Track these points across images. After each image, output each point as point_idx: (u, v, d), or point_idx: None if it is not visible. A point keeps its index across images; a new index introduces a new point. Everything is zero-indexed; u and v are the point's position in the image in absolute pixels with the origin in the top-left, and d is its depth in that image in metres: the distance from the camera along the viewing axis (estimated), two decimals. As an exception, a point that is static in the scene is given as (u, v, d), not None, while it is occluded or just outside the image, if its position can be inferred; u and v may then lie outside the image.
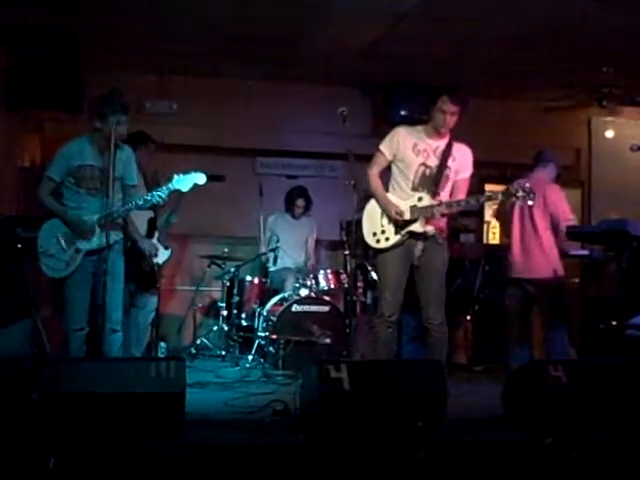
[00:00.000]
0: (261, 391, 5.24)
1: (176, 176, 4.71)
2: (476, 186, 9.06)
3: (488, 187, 9.35)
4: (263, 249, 7.39)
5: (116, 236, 4.90)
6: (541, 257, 5.72)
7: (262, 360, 6.55)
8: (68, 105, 7.01)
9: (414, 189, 4.91)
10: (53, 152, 4.96)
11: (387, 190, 5.04)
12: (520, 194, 4.67)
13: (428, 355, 5.06)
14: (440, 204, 4.81)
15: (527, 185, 4.72)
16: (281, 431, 3.93)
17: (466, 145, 5.09)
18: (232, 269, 7.17)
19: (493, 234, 9.92)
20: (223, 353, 7.00)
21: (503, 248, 6.36)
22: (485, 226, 9.55)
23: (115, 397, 3.63)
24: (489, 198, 4.92)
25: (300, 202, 7.46)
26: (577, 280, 7.00)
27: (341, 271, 6.84)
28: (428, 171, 4.92)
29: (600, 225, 5.93)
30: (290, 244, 7.37)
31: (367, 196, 5.12)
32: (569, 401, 4.05)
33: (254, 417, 4.24)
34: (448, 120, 4.90)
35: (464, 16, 6.10)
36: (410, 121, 7.96)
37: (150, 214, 5.83)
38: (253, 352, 6.62)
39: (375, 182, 5.04)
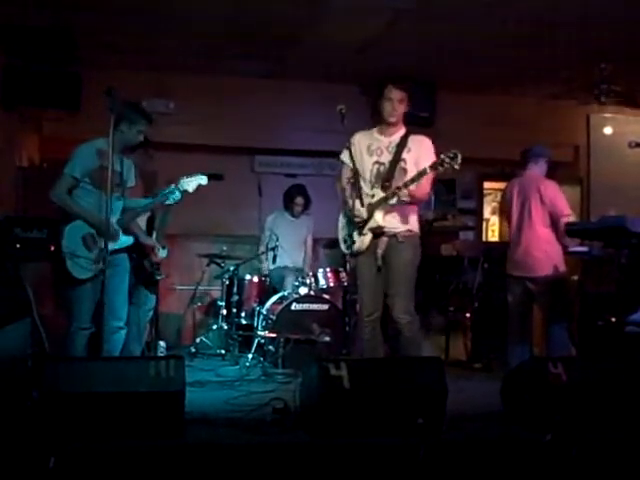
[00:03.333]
0: (261, 390, 5.24)
1: (183, 178, 5.07)
2: (475, 183, 9.18)
3: (487, 184, 9.41)
4: (262, 248, 7.39)
5: (128, 238, 4.98)
6: (541, 254, 5.71)
7: (262, 359, 6.55)
8: (66, 103, 7.01)
9: (371, 188, 4.96)
10: (51, 151, 4.96)
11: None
12: (445, 162, 4.65)
13: (401, 354, 5.02)
14: (387, 194, 4.84)
15: (451, 151, 4.65)
16: (281, 429, 3.95)
17: (425, 136, 5.12)
18: (231, 268, 7.17)
19: (492, 232, 9.95)
20: (223, 352, 7.00)
21: (502, 246, 6.36)
22: (484, 224, 9.57)
23: (115, 396, 3.64)
24: (420, 174, 4.76)
25: (299, 200, 7.45)
26: (576, 277, 7.00)
27: (340, 269, 6.84)
28: (382, 168, 4.98)
29: (599, 222, 5.92)
30: (289, 243, 7.36)
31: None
32: (568, 398, 4.06)
33: (254, 415, 4.25)
34: (396, 107, 5.00)
35: (463, 12, 6.10)
36: (409, 118, 8.09)
37: (148, 214, 5.84)
38: (253, 351, 6.61)
39: (341, 191, 5.15)
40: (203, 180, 5.09)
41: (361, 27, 6.54)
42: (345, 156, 5.07)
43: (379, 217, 4.88)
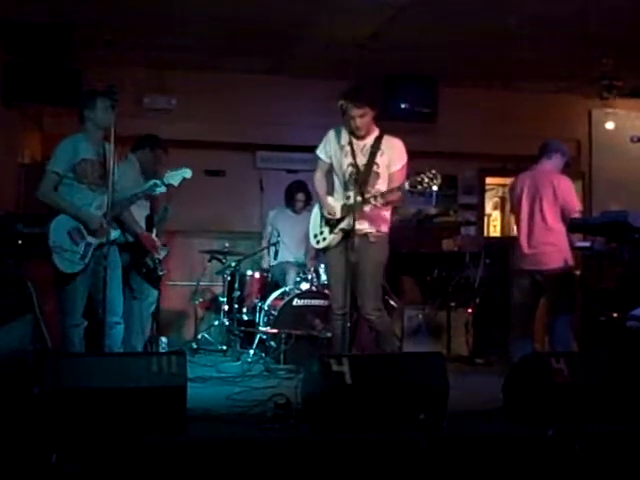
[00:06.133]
0: (263, 385, 5.26)
1: (167, 172, 5.17)
2: (477, 178, 9.17)
3: (488, 180, 9.40)
4: (264, 244, 7.39)
5: (116, 231, 4.96)
6: (552, 248, 5.66)
7: (263, 354, 6.56)
8: (67, 100, 7.00)
9: (346, 189, 5.02)
10: (53, 148, 4.96)
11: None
12: (424, 182, 4.71)
13: (376, 348, 5.13)
14: (363, 199, 4.90)
15: (431, 171, 4.70)
16: (283, 425, 3.94)
17: (397, 138, 5.14)
18: (233, 264, 7.17)
19: (494, 227, 9.95)
20: (224, 348, 7.01)
21: (503, 241, 6.35)
22: (486, 219, 9.57)
23: (117, 392, 3.64)
24: (398, 188, 4.87)
25: (300, 196, 7.45)
26: (578, 272, 6.99)
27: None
28: (356, 170, 5.00)
29: (601, 217, 5.91)
30: (290, 239, 7.36)
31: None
32: (571, 393, 4.06)
33: (256, 411, 4.24)
34: (359, 123, 4.99)
35: (464, 6, 6.08)
36: (411, 114, 8.08)
37: (147, 211, 5.85)
38: (254, 346, 6.62)
39: (317, 186, 5.24)
40: (187, 174, 5.16)
41: (361, 23, 6.53)
42: (321, 152, 5.18)
43: (351, 220, 4.88)
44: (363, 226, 5.01)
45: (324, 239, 5.14)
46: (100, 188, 4.86)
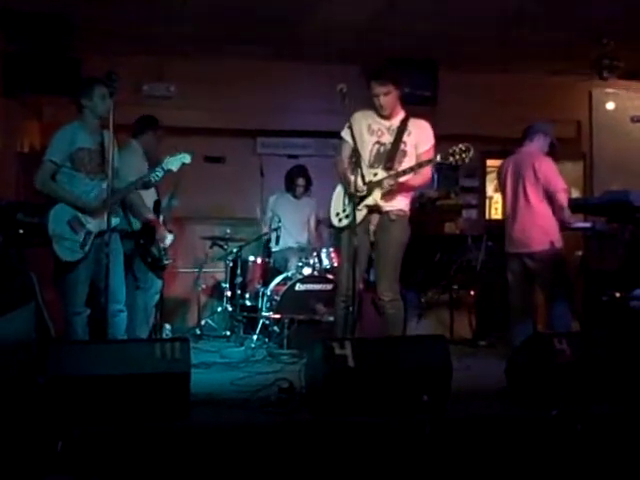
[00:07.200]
0: (266, 370, 5.27)
1: (166, 158, 5.10)
2: (477, 161, 9.14)
3: (490, 162, 9.37)
4: (265, 229, 7.39)
5: (116, 219, 4.96)
6: (537, 230, 5.66)
7: (267, 340, 6.58)
8: (66, 89, 6.98)
9: (370, 166, 4.99)
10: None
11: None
12: (457, 154, 4.74)
13: (381, 332, 5.04)
14: (389, 175, 4.90)
15: (464, 144, 4.73)
16: (287, 409, 3.96)
17: (424, 120, 5.14)
18: (235, 250, 7.18)
19: (495, 209, 9.91)
20: (227, 333, 7.03)
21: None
22: (487, 202, 9.55)
23: (121, 379, 3.66)
24: (428, 162, 4.90)
25: (300, 181, 7.44)
26: (580, 252, 6.99)
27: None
28: (382, 148, 5.03)
29: (603, 197, 5.92)
30: (292, 224, 7.36)
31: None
32: (573, 374, 4.07)
33: (259, 396, 4.26)
34: (383, 101, 4.99)
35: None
36: (411, 98, 8.05)
37: (155, 197, 5.85)
38: (257, 332, 6.63)
39: (340, 166, 5.15)
40: (186, 159, 5.12)
41: (361, 6, 6.50)
42: (346, 134, 5.09)
43: (377, 195, 4.93)
44: (387, 203, 5.00)
45: (347, 216, 5.03)
46: (99, 176, 4.86)
